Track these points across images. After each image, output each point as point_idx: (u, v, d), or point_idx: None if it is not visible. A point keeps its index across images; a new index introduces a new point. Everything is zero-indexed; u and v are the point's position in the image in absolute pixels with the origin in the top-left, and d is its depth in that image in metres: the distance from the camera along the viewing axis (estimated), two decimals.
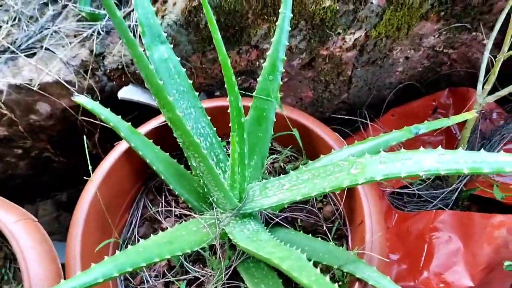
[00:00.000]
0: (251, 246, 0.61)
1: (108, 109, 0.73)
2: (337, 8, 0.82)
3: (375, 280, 0.61)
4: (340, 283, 0.73)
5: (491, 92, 0.81)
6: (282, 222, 0.78)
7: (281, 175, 0.71)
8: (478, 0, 0.86)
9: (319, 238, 0.74)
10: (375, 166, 0.57)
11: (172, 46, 0.74)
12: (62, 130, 0.95)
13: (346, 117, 1.03)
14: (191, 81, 0.74)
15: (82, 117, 0.90)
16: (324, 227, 0.78)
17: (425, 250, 0.83)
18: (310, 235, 0.74)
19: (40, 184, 1.07)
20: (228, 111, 0.65)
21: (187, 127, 0.57)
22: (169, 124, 0.63)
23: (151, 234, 0.77)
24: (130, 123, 0.74)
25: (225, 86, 0.61)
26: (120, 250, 0.60)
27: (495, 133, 0.95)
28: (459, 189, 0.89)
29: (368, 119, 1.02)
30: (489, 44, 0.78)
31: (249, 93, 0.75)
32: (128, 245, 0.73)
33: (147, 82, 0.53)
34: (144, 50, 0.71)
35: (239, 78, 0.93)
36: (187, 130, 0.57)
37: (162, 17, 0.83)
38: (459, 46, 0.98)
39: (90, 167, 0.76)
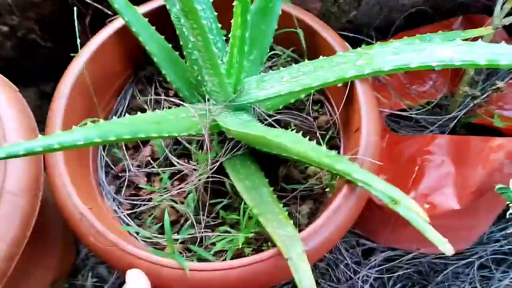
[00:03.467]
0: (244, 129, 0.58)
1: None
2: None
3: (366, 180, 0.59)
4: (327, 189, 0.72)
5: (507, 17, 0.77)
6: (275, 125, 0.75)
7: (281, 68, 0.67)
8: None
9: None
10: (385, 57, 0.54)
11: None
12: (52, 9, 0.89)
13: (351, 35, 0.98)
14: None
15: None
16: (318, 134, 0.76)
17: (415, 172, 0.81)
18: None
19: (24, 69, 1.02)
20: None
21: None
22: (169, 6, 0.58)
23: None
24: None
25: None
26: None
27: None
28: (458, 117, 0.87)
29: (374, 40, 0.98)
30: None
31: None
32: None
33: None
34: None
35: None
36: None
37: None
38: None
39: (78, 41, 0.71)
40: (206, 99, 0.69)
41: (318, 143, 0.75)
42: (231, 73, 0.65)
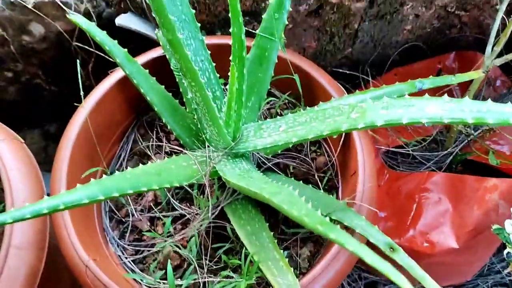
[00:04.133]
0: (241, 182, 0.59)
1: (105, 32, 0.69)
2: None
3: (362, 228, 0.60)
4: None
5: (498, 57, 0.79)
6: (274, 168, 0.77)
7: (278, 117, 0.69)
8: None
9: (310, 186, 0.73)
10: (377, 111, 0.55)
11: None
12: (55, 55, 0.91)
13: (347, 72, 1.01)
14: (193, 11, 0.71)
15: (77, 43, 0.87)
16: (316, 176, 0.77)
17: (413, 210, 0.83)
18: (301, 182, 0.73)
19: (28, 112, 1.04)
20: (230, 50, 0.62)
21: (186, 51, 0.54)
22: (169, 56, 0.60)
23: None
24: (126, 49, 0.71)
25: (227, 25, 0.58)
26: None
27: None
28: (454, 153, 0.88)
29: (370, 76, 1.00)
30: (504, 4, 0.75)
31: (253, 31, 0.72)
32: None
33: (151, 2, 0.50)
34: None
35: None
36: (186, 54, 0.54)
37: None
38: (471, 9, 0.95)
39: (82, 93, 0.73)
40: (206, 146, 0.71)
41: (317, 185, 0.77)
42: (230, 124, 0.67)
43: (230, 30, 0.61)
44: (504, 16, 0.75)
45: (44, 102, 1.03)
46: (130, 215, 0.77)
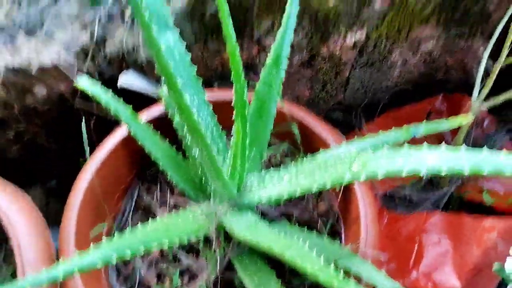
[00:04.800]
0: (250, 236, 0.61)
1: (110, 92, 0.72)
2: (341, 6, 0.83)
3: (370, 275, 0.62)
4: None
5: (485, 99, 0.83)
6: (277, 217, 0.79)
7: (281, 168, 0.71)
8: (478, 8, 0.88)
9: (314, 233, 0.75)
10: (378, 162, 0.58)
11: None
12: (57, 114, 0.93)
13: (341, 117, 1.05)
14: (195, 70, 0.74)
15: (79, 103, 0.89)
16: (319, 223, 0.79)
17: (414, 251, 0.84)
18: (305, 229, 0.75)
19: (30, 169, 1.05)
20: (230, 103, 0.65)
21: (192, 111, 0.57)
22: (171, 113, 0.62)
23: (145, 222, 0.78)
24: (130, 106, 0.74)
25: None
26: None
27: (487, 141, 0.97)
28: (449, 193, 0.91)
29: (363, 120, 1.03)
30: (487, 51, 0.80)
31: (253, 81, 0.75)
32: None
33: (158, 66, 0.53)
34: None
35: None
36: (193, 117, 0.57)
37: (167, 5, 0.82)
38: (455, 53, 1.00)
39: (87, 151, 0.75)
40: (211, 199, 0.73)
41: (320, 232, 0.78)
42: (234, 176, 0.69)
43: (229, 81, 0.64)
44: (488, 60, 0.80)
45: (46, 159, 1.04)
46: (137, 269, 0.77)
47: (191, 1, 0.80)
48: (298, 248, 0.52)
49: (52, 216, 0.93)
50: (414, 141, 0.94)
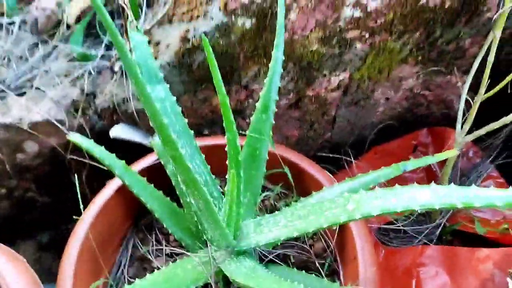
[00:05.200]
0: (251, 282, 0.61)
1: (103, 147, 0.73)
2: (324, 51, 0.86)
3: None
4: None
5: (468, 131, 0.86)
6: (275, 259, 0.79)
7: (276, 212, 0.72)
8: (452, 46, 0.92)
9: (313, 275, 0.75)
10: (371, 202, 0.59)
11: None
12: (48, 169, 0.94)
13: (330, 155, 1.06)
14: (186, 120, 0.75)
15: (72, 156, 0.90)
16: (317, 263, 0.79)
17: (413, 285, 0.84)
18: (303, 271, 0.75)
19: (21, 224, 1.04)
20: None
21: (188, 164, 0.58)
22: (164, 162, 0.63)
23: (142, 274, 0.77)
24: (124, 160, 0.74)
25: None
26: None
27: (473, 170, 1.00)
28: (442, 224, 0.92)
29: (351, 157, 1.05)
30: (466, 86, 0.83)
31: (243, 132, 0.77)
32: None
33: (152, 120, 0.55)
34: None
35: None
36: (188, 168, 0.58)
37: (155, 58, 0.85)
38: (435, 88, 1.04)
39: (81, 206, 0.75)
40: (209, 246, 0.73)
41: (318, 272, 0.78)
42: (231, 224, 0.69)
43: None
44: (467, 98, 0.83)
45: (37, 213, 1.03)
46: None
47: (178, 53, 0.82)
48: None
49: (45, 272, 0.92)
50: (402, 175, 0.96)
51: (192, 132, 0.76)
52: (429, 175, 1.06)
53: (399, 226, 0.93)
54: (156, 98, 0.73)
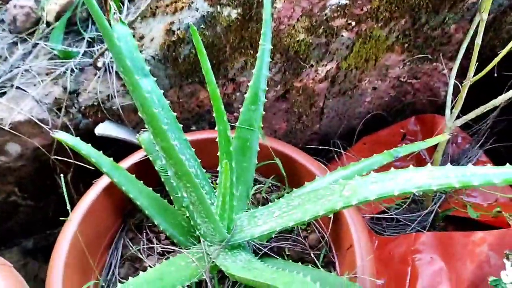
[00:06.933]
0: (248, 275, 0.59)
1: (89, 144, 0.71)
2: (310, 41, 0.86)
3: None
4: None
5: (456, 117, 0.86)
6: (269, 253, 0.77)
7: (270, 203, 0.71)
8: (438, 32, 0.92)
9: (309, 266, 0.74)
10: (368, 187, 0.58)
11: None
12: (31, 171, 0.91)
13: (320, 147, 1.06)
14: (175, 114, 0.74)
15: (56, 157, 0.87)
16: (312, 254, 0.78)
17: (409, 273, 0.84)
18: (299, 263, 0.74)
19: (4, 231, 1.01)
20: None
21: (180, 156, 0.56)
22: (153, 158, 0.62)
23: (133, 274, 0.75)
24: (111, 158, 0.72)
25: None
26: None
27: (462, 156, 1.00)
28: (434, 211, 0.92)
29: (341, 148, 1.05)
30: (454, 71, 0.83)
31: (232, 124, 0.75)
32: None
33: (141, 111, 0.53)
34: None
35: None
36: (180, 159, 0.57)
37: (140, 52, 0.83)
38: (421, 76, 1.04)
39: (68, 206, 0.73)
40: (202, 242, 0.72)
41: (314, 263, 0.77)
42: (224, 217, 0.68)
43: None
44: (456, 82, 0.83)
45: (20, 218, 1.00)
46: None
47: (163, 47, 0.80)
48: (301, 282, 0.51)
49: (32, 277, 0.89)
50: (392, 164, 0.96)
51: (181, 126, 0.74)
52: (419, 163, 1.06)
53: (391, 215, 0.93)
54: (144, 91, 0.71)
